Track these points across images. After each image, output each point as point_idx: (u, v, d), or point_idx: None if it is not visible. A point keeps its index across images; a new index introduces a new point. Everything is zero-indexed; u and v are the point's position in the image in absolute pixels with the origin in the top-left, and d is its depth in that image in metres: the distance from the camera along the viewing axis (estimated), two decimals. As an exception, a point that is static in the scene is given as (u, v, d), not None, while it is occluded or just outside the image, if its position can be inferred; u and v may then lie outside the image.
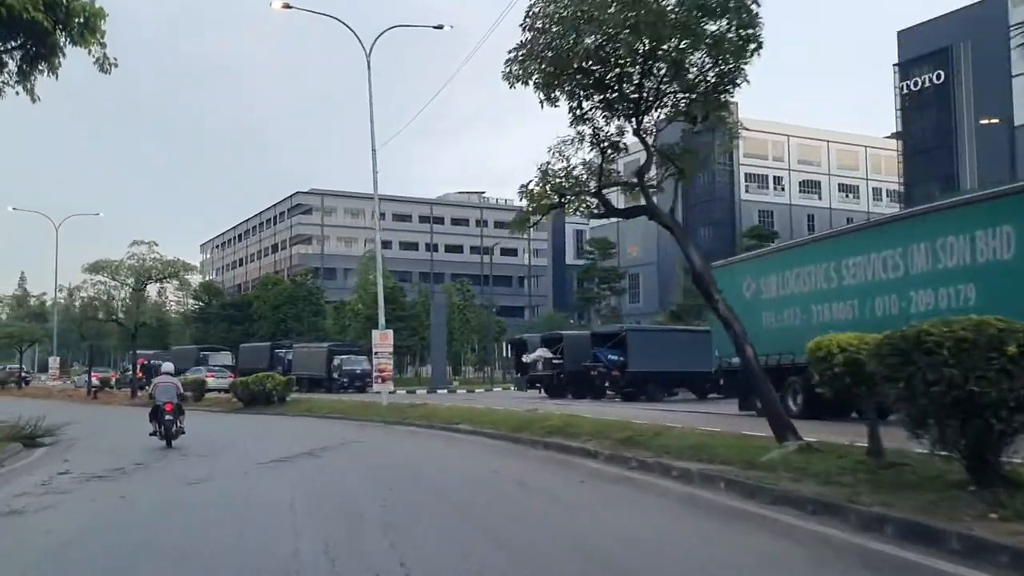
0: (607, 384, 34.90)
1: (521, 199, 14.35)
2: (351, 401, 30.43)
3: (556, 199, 14.01)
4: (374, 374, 27.05)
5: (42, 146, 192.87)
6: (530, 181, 13.79)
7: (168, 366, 20.32)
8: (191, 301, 73.51)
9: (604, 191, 14.22)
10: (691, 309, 60.08)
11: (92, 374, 52.15)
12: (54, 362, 53.30)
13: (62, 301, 46.11)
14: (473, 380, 55.35)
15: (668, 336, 35.73)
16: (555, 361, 36.84)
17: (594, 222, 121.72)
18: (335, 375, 48.49)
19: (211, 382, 45.70)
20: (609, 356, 33.97)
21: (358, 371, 48.37)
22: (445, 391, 47.85)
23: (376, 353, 26.93)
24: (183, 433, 17.98)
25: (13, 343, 58.01)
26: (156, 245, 45.63)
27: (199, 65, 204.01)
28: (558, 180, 13.72)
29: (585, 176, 13.89)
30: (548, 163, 13.74)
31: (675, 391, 35.44)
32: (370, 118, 27.42)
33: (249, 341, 61.45)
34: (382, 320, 27.58)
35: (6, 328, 56.36)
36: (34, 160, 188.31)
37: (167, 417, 17.28)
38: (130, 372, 50.50)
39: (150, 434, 17.81)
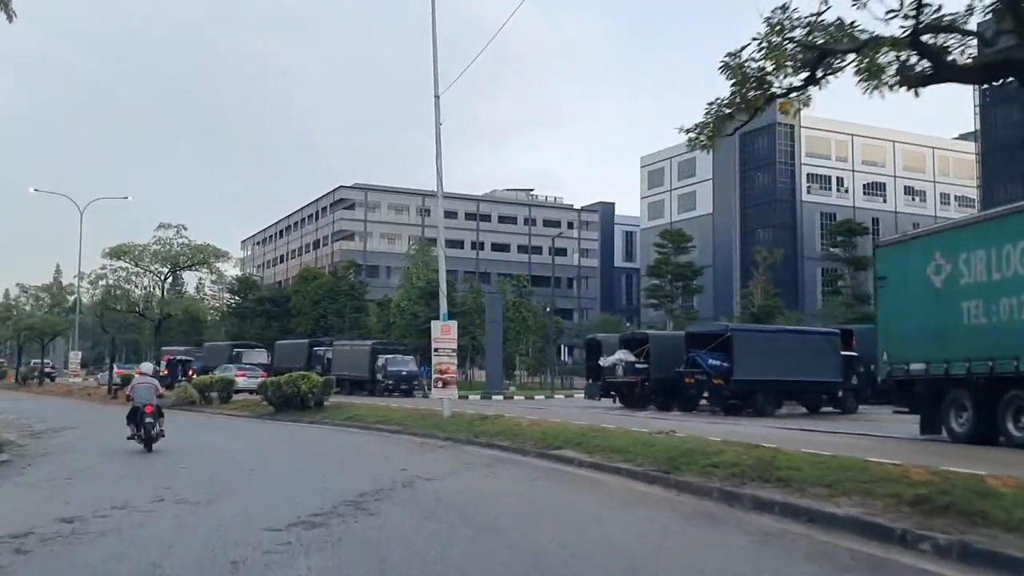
0: (705, 395, 28.75)
1: (727, 77, 8.32)
2: (403, 409, 24.58)
3: (814, 57, 7.87)
4: (433, 376, 21.08)
5: (84, 145, 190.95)
6: (743, 48, 7.71)
7: (147, 366, 19.15)
8: (227, 295, 68.43)
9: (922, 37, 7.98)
10: (772, 311, 53.67)
11: (115, 370, 47.03)
12: (75, 357, 48.20)
13: (86, 288, 40.79)
14: (529, 385, 49.51)
15: (782, 338, 29.41)
16: (638, 366, 30.72)
17: (647, 220, 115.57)
18: (379, 376, 42.81)
19: (241, 382, 40.18)
20: (710, 361, 27.79)
21: (404, 372, 42.65)
22: (501, 397, 41.96)
23: (436, 350, 21.03)
24: (163, 436, 16.65)
25: (34, 336, 53.17)
26: (185, 229, 40.39)
27: (244, 66, 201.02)
28: (808, 30, 7.57)
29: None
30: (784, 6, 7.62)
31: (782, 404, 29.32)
32: (433, 54, 21.58)
33: (286, 338, 56.05)
34: (444, 307, 21.67)
35: (27, 320, 51.53)
36: (76, 160, 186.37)
37: (147, 420, 16.14)
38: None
39: (128, 438, 16.65)
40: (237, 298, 64.85)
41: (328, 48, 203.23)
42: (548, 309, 54.35)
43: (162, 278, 40.13)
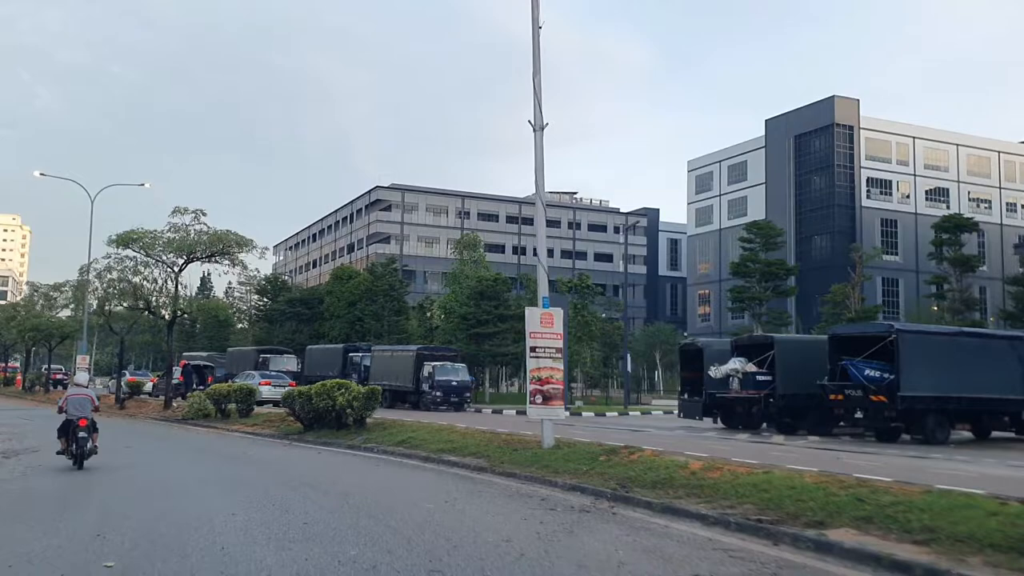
0: (858, 415, 21.69)
1: None
2: (473, 432, 17.81)
3: None
4: (530, 386, 14.09)
5: (124, 156, 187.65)
6: None
7: (82, 376, 16.89)
8: (255, 297, 62.20)
9: None
10: (872, 317, 46.23)
11: (125, 377, 40.80)
12: (82, 362, 41.93)
13: (94, 281, 34.52)
14: (590, 399, 42.61)
15: (964, 343, 22.17)
16: (760, 377, 23.72)
17: (694, 227, 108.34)
18: (425, 387, 36.09)
19: (265, 392, 33.75)
20: (867, 371, 20.77)
21: (455, 383, 35.88)
22: (567, 413, 35.03)
23: (533, 350, 14.15)
24: (95, 453, 14.51)
25: (41, 338, 47.05)
26: (204, 214, 33.93)
27: (283, 77, 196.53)
28: None
29: None
30: None
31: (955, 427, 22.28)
32: (535, 88, 14.97)
33: (318, 343, 49.54)
34: (544, 284, 14.84)
35: (32, 321, 45.45)
36: (115, 169, 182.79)
37: (80, 434, 14.11)
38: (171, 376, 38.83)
39: (58, 452, 14.71)
40: (265, 300, 58.62)
41: (367, 60, 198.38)
42: (621, 314, 47.41)
43: (176, 270, 33.46)
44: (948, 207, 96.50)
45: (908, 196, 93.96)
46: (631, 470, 11.24)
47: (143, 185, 45.58)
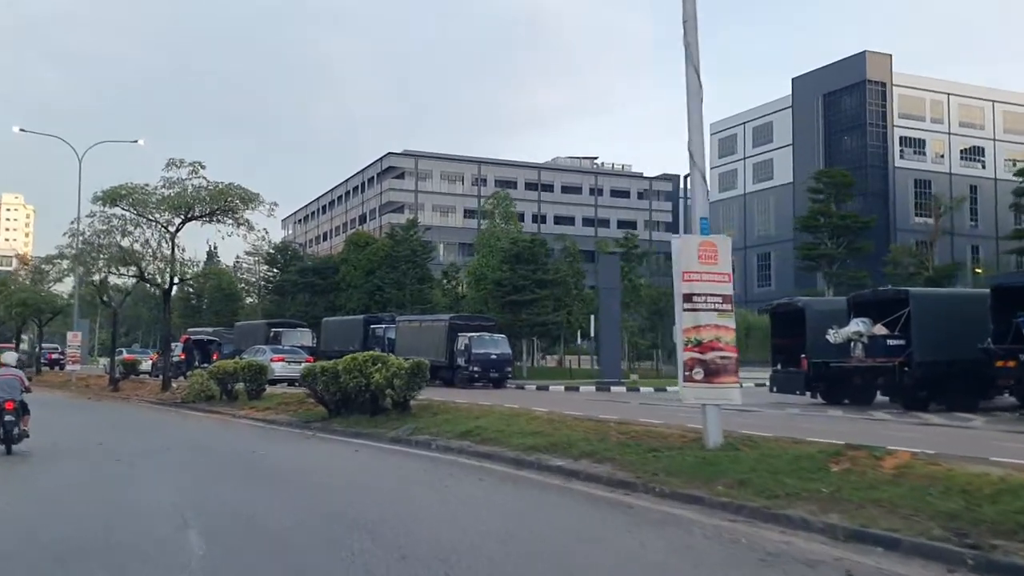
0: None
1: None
2: (569, 421, 12.83)
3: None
4: (683, 354, 8.97)
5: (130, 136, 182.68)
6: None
7: (10, 356, 13.74)
8: (264, 268, 57.18)
9: None
10: (951, 276, 41.03)
11: (120, 355, 36.05)
12: (73, 339, 37.07)
13: (78, 245, 29.66)
14: (640, 372, 37.71)
15: None
16: (892, 342, 18.75)
17: (718, 192, 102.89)
18: (460, 361, 31.19)
19: (278, 369, 28.90)
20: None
21: (495, 356, 30.97)
22: (623, 388, 30.15)
23: (689, 299, 9.07)
24: (27, 437, 12.90)
25: (29, 314, 42.17)
26: (203, 167, 28.85)
27: (289, 57, 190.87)
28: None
29: None
30: None
31: None
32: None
33: (335, 315, 44.57)
34: (701, 197, 9.70)
35: (19, 294, 40.57)
36: (123, 152, 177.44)
37: (7, 418, 12.52)
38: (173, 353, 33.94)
39: None
40: (275, 270, 53.63)
41: (371, 37, 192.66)
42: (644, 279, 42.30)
43: (172, 230, 28.47)
44: (983, 167, 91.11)
45: (942, 156, 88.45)
46: (926, 496, 6.29)
47: (136, 142, 40.77)
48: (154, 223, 28.86)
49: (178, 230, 29.07)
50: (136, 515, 7.67)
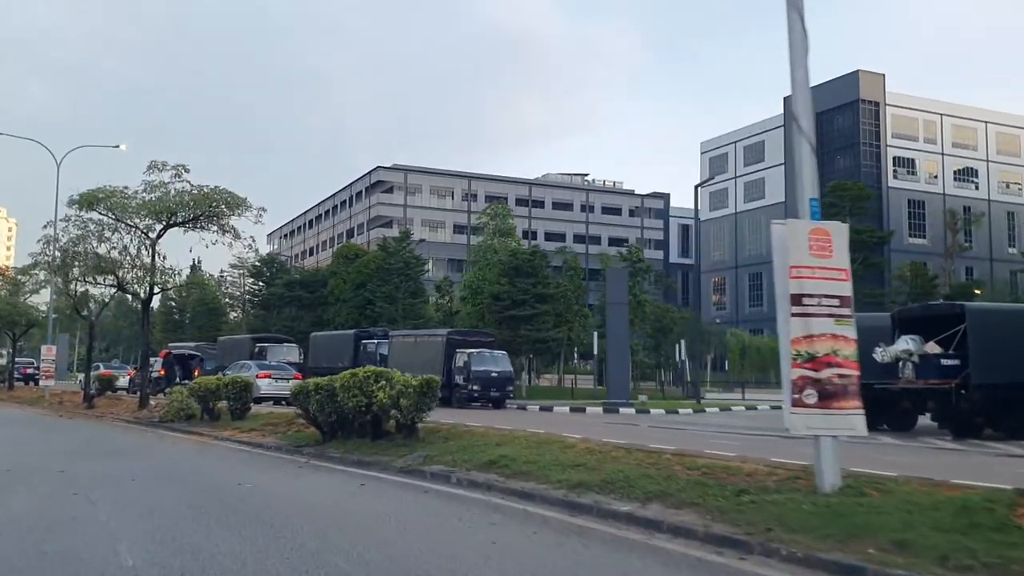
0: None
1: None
2: (615, 451, 10.81)
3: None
4: (790, 371, 7.01)
5: (119, 151, 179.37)
6: None
7: None
8: (249, 281, 54.82)
9: None
10: (967, 292, 39.37)
11: (95, 371, 33.72)
12: (48, 352, 34.69)
13: (50, 253, 27.50)
14: (647, 392, 35.66)
15: None
16: (946, 362, 16.90)
17: (708, 211, 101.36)
18: (459, 379, 29.11)
19: (264, 386, 26.75)
20: None
21: (495, 373, 28.94)
22: (632, 410, 28.13)
23: (799, 301, 7.07)
24: None
25: (1, 327, 39.69)
26: (186, 171, 26.75)
27: (275, 68, 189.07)
28: None
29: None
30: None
31: None
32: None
33: (323, 331, 42.34)
34: (810, 179, 7.79)
35: (-10, 305, 38.14)
36: (110, 163, 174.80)
37: None
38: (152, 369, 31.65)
39: None
40: (260, 284, 51.34)
41: (361, 53, 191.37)
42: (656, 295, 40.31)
43: (154, 236, 26.31)
44: (977, 187, 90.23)
45: (935, 176, 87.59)
46: None
47: (118, 147, 38.46)
48: (133, 228, 26.69)
49: (159, 237, 26.89)
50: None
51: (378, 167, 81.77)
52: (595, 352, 32.53)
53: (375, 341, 34.54)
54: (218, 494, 9.93)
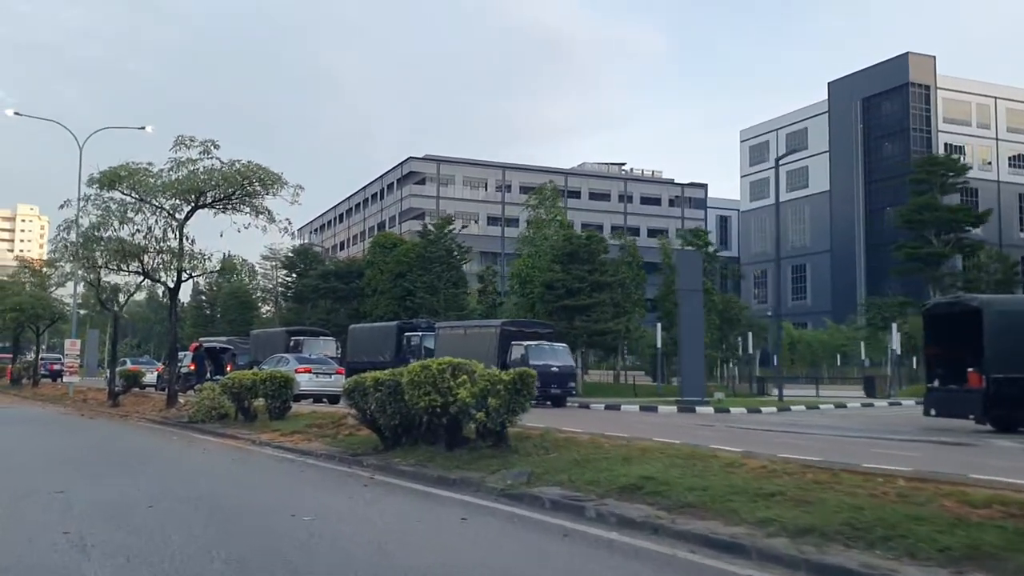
0: None
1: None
2: (837, 475, 7.74)
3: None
4: None
5: (143, 151, 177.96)
6: None
7: None
8: (282, 273, 52.23)
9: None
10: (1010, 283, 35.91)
11: (122, 366, 31.13)
12: (72, 347, 32.19)
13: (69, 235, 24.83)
14: (709, 388, 32.51)
15: None
16: None
17: (748, 201, 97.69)
18: (516, 375, 26.07)
19: (304, 382, 23.89)
20: None
21: (555, 368, 25.92)
22: (709, 409, 25.01)
23: None
24: None
25: (26, 320, 37.23)
26: (216, 147, 23.93)
27: (299, 71, 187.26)
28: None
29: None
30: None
31: None
32: None
33: (360, 323, 39.54)
34: None
35: (12, 299, 35.62)
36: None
37: None
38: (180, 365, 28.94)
39: None
40: (294, 275, 48.70)
41: (384, 55, 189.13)
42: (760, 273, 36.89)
43: (181, 217, 23.57)
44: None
45: (989, 163, 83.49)
46: None
47: (143, 128, 35.89)
48: (159, 209, 23.92)
49: (187, 219, 24.12)
50: None
51: (410, 158, 79.02)
52: (658, 345, 29.36)
53: (419, 333, 31.65)
54: (269, 534, 6.97)
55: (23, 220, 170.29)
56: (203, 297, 54.37)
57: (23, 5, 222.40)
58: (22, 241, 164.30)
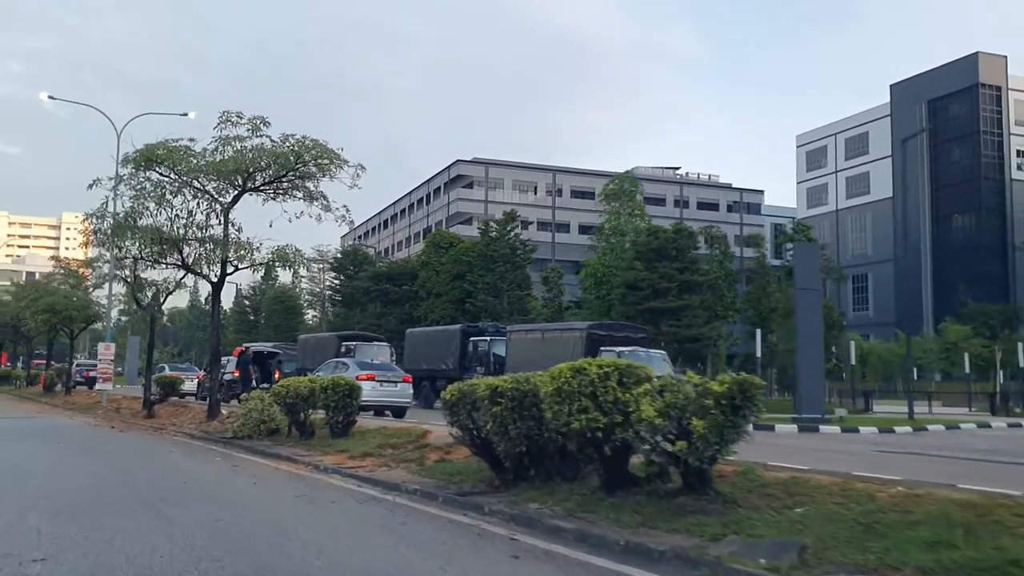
0: None
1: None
2: None
3: None
4: None
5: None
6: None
7: None
8: (330, 275, 48.98)
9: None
10: None
11: (159, 372, 27.90)
12: (105, 351, 29.02)
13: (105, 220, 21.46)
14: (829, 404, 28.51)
15: None
16: None
17: (806, 208, 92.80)
18: (607, 385, 22.23)
19: (367, 391, 20.13)
20: None
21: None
22: (835, 428, 20.93)
23: None
24: None
25: (58, 323, 34.22)
26: (266, 124, 20.54)
27: (338, 79, 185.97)
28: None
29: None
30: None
31: None
32: None
33: (415, 327, 35.96)
34: None
35: (46, 299, 32.66)
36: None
37: None
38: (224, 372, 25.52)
39: None
40: (342, 277, 45.38)
41: (428, 65, 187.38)
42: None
43: (226, 202, 20.22)
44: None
45: (1065, 169, 78.04)
46: None
47: (186, 115, 32.72)
48: (201, 192, 20.56)
49: (233, 204, 20.73)
50: None
51: (458, 160, 75.74)
52: (758, 355, 25.36)
53: (487, 338, 27.94)
54: None
55: (68, 228, 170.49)
56: (246, 302, 51.36)
57: (73, 18, 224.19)
58: (67, 249, 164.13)
